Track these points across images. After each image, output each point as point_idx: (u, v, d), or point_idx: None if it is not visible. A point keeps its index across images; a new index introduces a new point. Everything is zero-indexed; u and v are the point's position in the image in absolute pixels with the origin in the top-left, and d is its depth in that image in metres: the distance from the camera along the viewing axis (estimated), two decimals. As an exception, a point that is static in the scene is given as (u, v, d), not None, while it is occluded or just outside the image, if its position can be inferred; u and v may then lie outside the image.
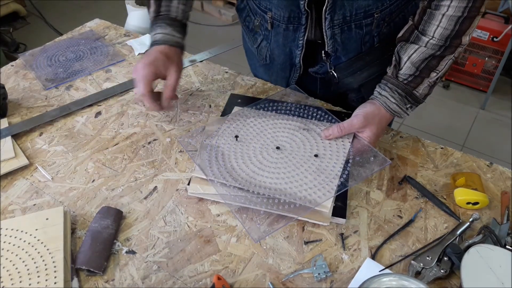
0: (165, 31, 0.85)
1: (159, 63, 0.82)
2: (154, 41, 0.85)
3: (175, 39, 0.85)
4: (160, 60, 0.82)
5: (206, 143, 0.81)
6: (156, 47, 0.84)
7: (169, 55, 0.83)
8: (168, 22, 0.85)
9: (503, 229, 0.71)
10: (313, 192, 0.71)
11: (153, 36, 0.86)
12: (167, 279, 0.66)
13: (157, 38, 0.85)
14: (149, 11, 0.89)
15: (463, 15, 0.71)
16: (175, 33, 0.85)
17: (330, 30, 0.83)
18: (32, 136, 0.90)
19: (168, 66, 0.83)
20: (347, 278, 0.66)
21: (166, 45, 0.84)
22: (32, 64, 1.10)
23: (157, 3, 0.86)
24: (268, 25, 0.91)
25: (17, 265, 0.64)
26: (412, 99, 0.80)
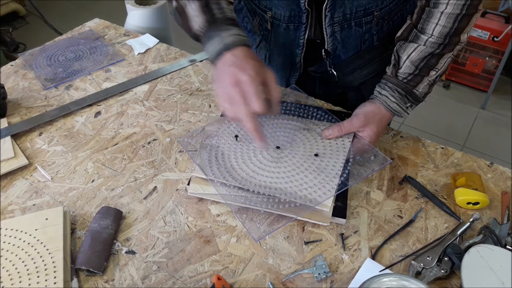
0: (232, 32, 0.72)
1: (257, 69, 0.69)
2: (226, 45, 0.71)
3: (244, 38, 0.74)
4: (256, 65, 0.69)
5: (206, 143, 0.81)
6: (233, 52, 0.70)
7: (253, 56, 0.71)
8: (230, 23, 0.74)
9: (504, 229, 0.71)
10: (313, 191, 0.71)
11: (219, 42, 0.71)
12: (167, 279, 0.66)
13: (228, 42, 0.71)
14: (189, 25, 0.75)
15: (461, 13, 0.71)
16: (241, 32, 0.74)
17: (330, 27, 0.83)
18: (32, 136, 0.90)
19: (262, 66, 0.71)
20: (347, 278, 0.66)
21: (242, 46, 0.72)
22: (31, 63, 1.10)
23: (205, 10, 0.74)
24: (267, 25, 0.91)
25: (17, 265, 0.64)
26: (412, 98, 0.80)
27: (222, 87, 0.69)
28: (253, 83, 0.66)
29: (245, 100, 0.66)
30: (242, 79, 0.66)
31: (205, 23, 0.74)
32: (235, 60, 0.69)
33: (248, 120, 0.67)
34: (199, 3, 0.74)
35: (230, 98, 0.68)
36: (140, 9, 1.34)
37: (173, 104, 0.98)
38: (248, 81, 0.66)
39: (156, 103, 0.98)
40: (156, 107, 0.97)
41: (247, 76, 0.66)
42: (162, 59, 1.12)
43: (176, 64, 1.10)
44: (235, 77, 0.67)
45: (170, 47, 1.17)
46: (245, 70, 0.67)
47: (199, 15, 0.74)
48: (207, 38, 0.73)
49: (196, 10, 0.74)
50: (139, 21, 1.35)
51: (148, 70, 1.08)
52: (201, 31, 0.74)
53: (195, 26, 0.75)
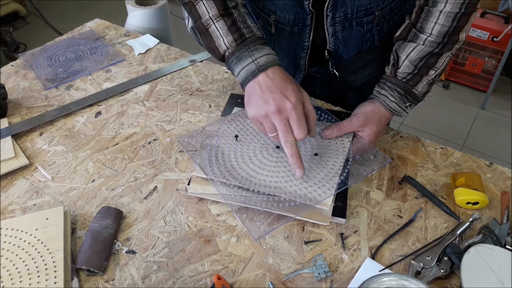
0: (264, 52, 0.71)
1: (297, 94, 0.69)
2: (259, 66, 0.70)
3: (276, 57, 0.72)
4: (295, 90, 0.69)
5: (206, 143, 0.81)
6: (268, 73, 0.70)
7: (288, 78, 0.71)
8: (261, 42, 0.72)
9: (503, 229, 0.71)
10: (313, 190, 0.71)
11: (252, 63, 0.70)
12: (167, 279, 0.66)
13: (262, 63, 0.70)
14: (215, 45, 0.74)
15: (460, 11, 0.72)
16: (273, 51, 0.73)
17: (331, 27, 0.84)
18: (32, 136, 0.90)
19: (301, 92, 0.71)
20: (347, 278, 0.66)
21: (276, 66, 0.71)
22: (32, 64, 1.10)
23: (233, 29, 0.72)
24: (271, 28, 0.90)
25: (17, 265, 0.64)
26: (412, 97, 0.80)
27: (261, 113, 0.69)
28: (297, 110, 0.67)
29: (287, 128, 0.68)
30: (286, 107, 0.67)
31: (233, 42, 0.72)
32: (272, 84, 0.68)
33: (290, 148, 0.68)
34: (224, 22, 0.72)
35: (270, 126, 0.69)
36: (141, 10, 1.35)
37: (174, 104, 0.98)
38: (291, 108, 0.67)
39: (157, 103, 0.99)
40: (156, 107, 0.97)
41: (290, 104, 0.67)
42: (162, 59, 1.12)
43: (176, 64, 1.10)
44: (278, 104, 0.67)
45: (170, 47, 1.17)
46: (287, 96, 0.67)
47: (226, 35, 0.72)
48: (237, 58, 0.72)
49: (222, 30, 0.72)
50: (139, 21, 1.35)
51: (148, 70, 1.09)
52: (229, 51, 0.73)
53: (222, 47, 0.73)
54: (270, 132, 0.70)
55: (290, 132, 0.68)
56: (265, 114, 0.68)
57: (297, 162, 0.69)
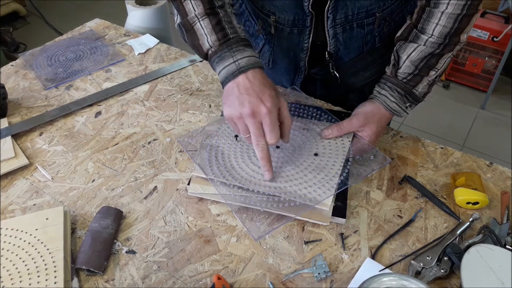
0: (247, 54, 0.71)
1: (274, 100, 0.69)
2: (240, 67, 0.70)
3: (258, 60, 0.73)
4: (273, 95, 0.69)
5: (206, 143, 0.81)
6: (248, 75, 0.70)
7: (268, 82, 0.71)
8: (244, 44, 0.72)
9: (503, 229, 0.71)
10: (313, 190, 0.71)
11: (233, 64, 0.71)
12: (167, 279, 0.66)
13: (243, 64, 0.70)
14: (199, 43, 0.74)
15: (462, 13, 0.71)
16: (255, 54, 0.73)
17: (332, 29, 0.83)
18: (32, 136, 0.90)
19: (277, 94, 0.71)
20: (347, 278, 0.66)
21: (256, 69, 0.71)
22: (32, 64, 1.10)
23: (218, 29, 0.72)
24: (271, 29, 0.90)
25: (17, 265, 0.64)
26: (412, 97, 0.80)
27: (235, 114, 0.69)
28: (271, 115, 0.68)
29: (260, 132, 0.68)
30: (261, 111, 0.67)
31: (217, 41, 0.72)
32: (250, 87, 0.69)
33: (261, 151, 0.70)
34: (209, 21, 0.73)
35: (244, 127, 0.70)
36: (141, 10, 1.35)
37: (173, 104, 0.98)
38: (266, 113, 0.67)
39: (157, 103, 0.99)
40: (156, 107, 0.97)
41: (265, 108, 0.67)
42: (162, 59, 1.12)
43: (176, 64, 1.10)
44: (253, 108, 0.67)
45: (170, 47, 1.17)
46: (263, 101, 0.68)
47: (210, 34, 0.72)
48: (218, 58, 0.72)
49: (206, 28, 0.73)
50: (139, 21, 1.35)
51: (148, 70, 1.09)
52: (211, 50, 0.73)
53: (205, 45, 0.73)
54: (243, 133, 0.71)
55: (263, 136, 0.69)
56: (240, 116, 0.69)
57: (266, 165, 0.71)
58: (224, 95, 0.72)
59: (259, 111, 0.67)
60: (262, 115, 0.68)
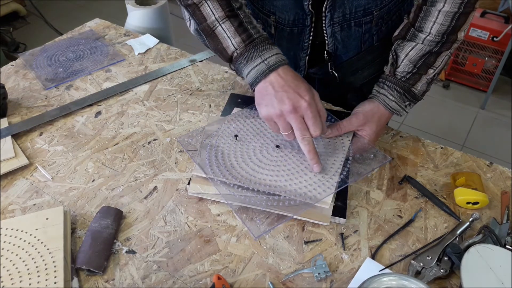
0: (274, 52, 0.72)
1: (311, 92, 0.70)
2: (270, 66, 0.70)
3: (284, 57, 0.73)
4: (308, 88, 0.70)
5: (206, 142, 0.81)
6: (278, 73, 0.70)
7: (298, 76, 0.72)
8: (269, 42, 0.73)
9: (503, 229, 0.71)
10: (313, 188, 0.71)
11: (262, 63, 0.71)
12: (167, 279, 0.66)
13: (272, 63, 0.71)
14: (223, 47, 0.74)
15: (459, 11, 0.72)
16: (280, 51, 0.73)
17: (330, 28, 0.84)
18: (32, 136, 0.90)
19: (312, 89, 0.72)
20: (347, 278, 0.66)
21: (285, 65, 0.72)
22: (32, 63, 1.10)
23: (241, 30, 0.72)
24: (271, 29, 0.90)
25: (17, 265, 0.64)
26: (411, 96, 0.80)
27: (276, 112, 0.69)
28: (312, 108, 0.68)
29: (304, 126, 0.69)
30: (302, 106, 0.68)
31: (242, 43, 0.72)
32: (285, 83, 0.69)
33: (307, 145, 0.70)
34: (231, 24, 0.73)
35: (285, 124, 0.70)
36: (141, 9, 1.35)
37: (173, 104, 0.98)
38: (306, 107, 0.68)
39: (157, 103, 0.99)
40: (156, 107, 0.97)
41: (305, 102, 0.68)
42: (162, 59, 1.12)
43: (176, 64, 1.10)
44: (293, 103, 0.68)
45: (170, 47, 1.17)
46: (301, 95, 0.68)
47: (234, 36, 0.72)
48: (246, 59, 0.72)
49: (229, 31, 0.73)
50: (139, 21, 1.35)
51: (148, 70, 1.09)
52: (237, 52, 0.73)
53: (230, 47, 0.73)
54: (284, 130, 0.71)
55: (307, 130, 0.70)
56: (280, 113, 0.69)
57: (314, 158, 0.71)
58: (258, 96, 0.72)
59: (300, 105, 0.68)
60: (303, 109, 0.68)
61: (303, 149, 0.71)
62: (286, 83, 0.69)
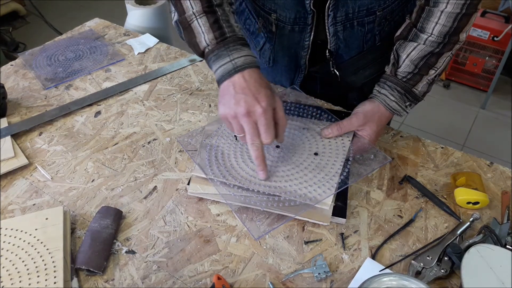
0: (243, 53, 0.71)
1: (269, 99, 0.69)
2: (236, 67, 0.70)
3: (255, 59, 0.72)
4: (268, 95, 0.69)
5: (206, 142, 0.81)
6: (244, 75, 0.69)
7: (264, 82, 0.71)
8: (241, 43, 0.72)
9: (504, 229, 0.71)
10: (313, 189, 0.71)
11: (229, 62, 0.70)
12: (167, 279, 0.66)
13: (239, 63, 0.70)
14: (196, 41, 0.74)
15: (461, 12, 0.71)
16: (252, 53, 0.72)
17: (332, 27, 0.83)
18: (32, 136, 0.90)
19: (273, 94, 0.71)
20: (347, 278, 0.66)
21: (252, 68, 0.70)
22: (31, 63, 1.10)
23: (215, 27, 0.72)
24: (272, 27, 0.90)
25: (17, 265, 0.64)
26: (412, 96, 0.80)
27: (230, 113, 0.69)
28: (266, 115, 0.67)
29: (255, 131, 0.68)
30: (256, 111, 0.67)
31: (214, 40, 0.72)
32: (246, 86, 0.68)
33: (256, 151, 0.70)
34: (207, 19, 0.72)
35: (238, 127, 0.69)
36: (140, 9, 1.34)
37: (173, 103, 0.98)
38: (261, 113, 0.67)
39: (156, 102, 0.98)
40: (156, 107, 0.97)
41: (260, 108, 0.67)
42: (162, 59, 1.12)
43: (176, 64, 1.10)
44: (248, 107, 0.67)
45: (170, 46, 1.17)
46: (258, 100, 0.67)
47: (207, 32, 0.72)
48: (215, 56, 0.72)
49: (204, 26, 0.72)
50: (139, 20, 1.35)
51: (148, 69, 1.08)
52: (208, 48, 0.73)
53: (202, 43, 0.73)
54: (238, 132, 0.71)
55: (258, 136, 0.69)
56: (235, 115, 0.68)
57: (261, 165, 0.71)
58: (220, 94, 0.72)
59: (254, 110, 0.67)
60: (257, 115, 0.67)
61: (251, 154, 0.70)
62: (248, 86, 0.68)
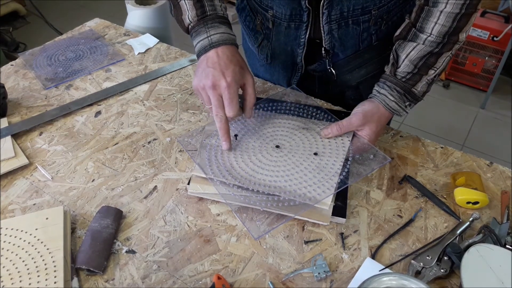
0: (220, 31, 0.76)
1: (237, 75, 0.74)
2: (212, 43, 0.75)
3: (232, 37, 0.77)
4: (236, 71, 0.74)
5: (206, 142, 0.81)
6: (217, 51, 0.74)
7: (236, 58, 0.76)
8: (219, 21, 0.77)
9: (503, 229, 0.71)
10: (313, 189, 0.71)
11: (206, 39, 0.76)
12: (167, 279, 0.66)
13: (214, 40, 0.75)
14: (182, 18, 0.79)
15: (460, 12, 0.72)
16: (230, 31, 0.78)
17: (327, 25, 0.84)
18: (32, 136, 0.90)
19: (243, 71, 0.76)
20: (347, 278, 0.66)
21: (227, 45, 0.76)
22: (32, 63, 1.10)
23: (198, 5, 0.77)
24: (269, 23, 0.91)
25: (17, 265, 0.64)
26: (411, 96, 0.80)
27: (200, 85, 0.75)
28: (230, 89, 0.72)
29: (220, 103, 0.73)
30: (221, 85, 0.72)
31: (195, 17, 0.78)
32: (217, 61, 0.74)
33: (219, 122, 0.75)
34: None
35: (206, 98, 0.75)
36: (140, 9, 1.35)
37: (173, 103, 0.98)
38: (225, 87, 0.72)
39: (156, 102, 0.99)
40: (156, 107, 0.97)
41: (225, 83, 0.72)
42: (162, 59, 1.12)
43: (176, 64, 1.10)
44: (214, 81, 0.73)
45: (170, 47, 1.17)
46: (225, 75, 0.73)
47: (191, 10, 0.78)
48: (195, 32, 0.78)
49: (188, 4, 0.78)
50: (139, 20, 1.35)
51: (148, 69, 1.08)
52: (191, 25, 0.79)
53: (186, 20, 0.79)
54: (206, 104, 0.76)
55: (222, 108, 0.74)
56: (203, 87, 0.74)
57: (224, 135, 0.76)
58: (197, 67, 0.77)
59: (219, 84, 0.72)
60: (222, 89, 0.73)
61: (216, 125, 0.76)
62: (218, 61, 0.74)
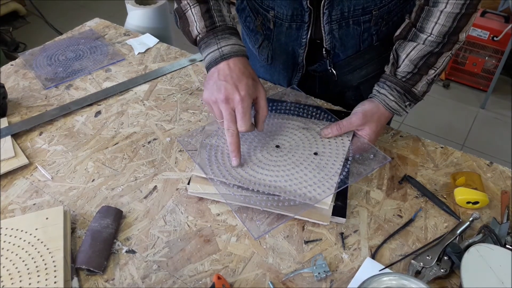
0: (231, 42, 0.74)
1: (250, 89, 0.71)
2: (223, 54, 0.73)
3: (243, 48, 0.75)
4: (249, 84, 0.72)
5: (206, 142, 0.81)
6: (229, 63, 0.72)
7: (248, 71, 0.74)
8: (230, 32, 0.75)
9: (503, 229, 0.71)
10: (313, 189, 0.71)
11: (217, 50, 0.74)
12: (167, 279, 0.66)
13: (225, 51, 0.73)
14: (189, 29, 0.77)
15: (460, 12, 0.72)
16: (240, 42, 0.76)
17: (328, 25, 0.84)
18: (32, 136, 0.90)
19: (256, 84, 0.74)
20: (347, 278, 0.66)
21: (239, 57, 0.73)
22: (32, 63, 1.10)
23: (206, 16, 0.75)
24: (270, 24, 0.91)
25: (17, 265, 0.64)
26: (411, 96, 0.80)
27: (212, 98, 0.72)
28: (244, 103, 0.70)
29: (232, 118, 0.71)
30: (234, 99, 0.70)
31: (204, 28, 0.76)
32: (229, 74, 0.72)
33: (230, 136, 0.73)
34: (200, 9, 0.76)
35: (218, 112, 0.73)
36: (140, 9, 1.35)
37: (173, 103, 0.98)
38: (239, 101, 0.70)
39: (156, 102, 0.99)
40: (156, 107, 0.97)
41: (239, 96, 0.70)
42: (162, 59, 1.12)
43: (176, 64, 1.10)
44: (227, 94, 0.70)
45: (170, 46, 1.17)
46: (238, 89, 0.70)
47: (199, 21, 0.76)
48: (205, 44, 0.75)
49: (196, 15, 0.76)
50: (139, 20, 1.36)
51: (148, 69, 1.08)
52: (199, 36, 0.77)
53: (194, 31, 0.77)
54: (218, 118, 0.74)
55: (234, 122, 0.72)
56: (215, 100, 0.72)
57: (234, 151, 0.74)
58: (206, 80, 0.75)
59: (233, 98, 0.70)
60: (235, 103, 0.70)
61: (227, 140, 0.73)
62: (230, 73, 0.72)
